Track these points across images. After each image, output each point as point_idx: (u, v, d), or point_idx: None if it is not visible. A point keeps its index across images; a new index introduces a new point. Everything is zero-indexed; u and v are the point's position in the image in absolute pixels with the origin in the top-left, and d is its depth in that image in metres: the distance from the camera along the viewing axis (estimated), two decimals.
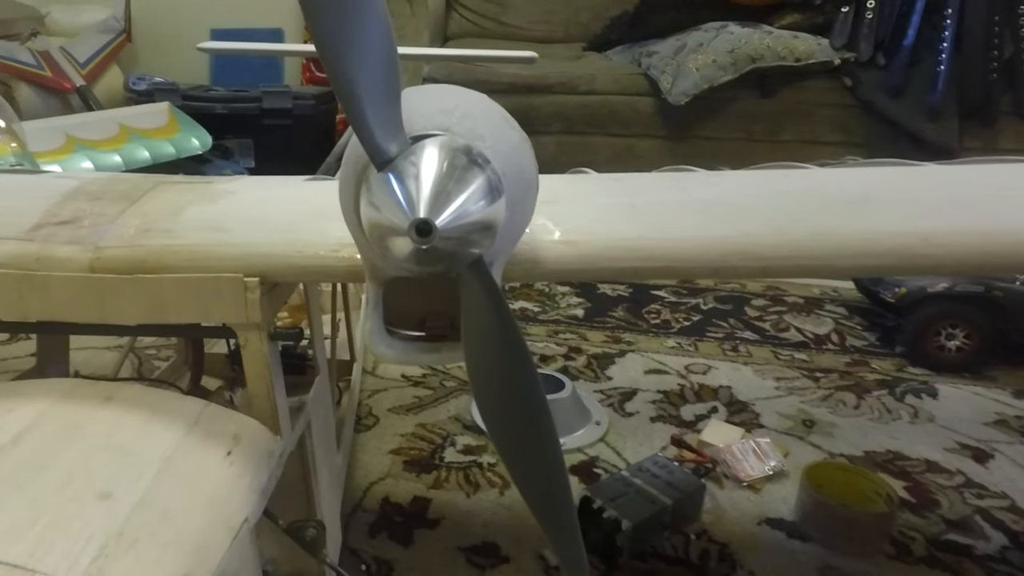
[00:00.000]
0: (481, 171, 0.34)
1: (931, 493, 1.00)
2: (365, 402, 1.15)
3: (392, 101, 0.34)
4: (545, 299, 1.59)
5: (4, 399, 0.47)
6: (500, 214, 0.35)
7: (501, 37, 2.46)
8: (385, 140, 0.33)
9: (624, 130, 2.06)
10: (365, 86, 0.32)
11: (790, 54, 1.94)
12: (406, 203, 0.33)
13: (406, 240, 0.33)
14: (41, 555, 0.36)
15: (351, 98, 0.32)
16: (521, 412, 0.36)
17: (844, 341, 1.44)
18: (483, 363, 0.37)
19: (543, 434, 0.36)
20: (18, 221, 0.51)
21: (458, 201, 0.33)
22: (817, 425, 1.15)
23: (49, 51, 2.37)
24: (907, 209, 0.56)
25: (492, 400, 0.37)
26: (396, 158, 0.34)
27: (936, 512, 0.96)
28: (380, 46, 0.33)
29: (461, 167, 0.34)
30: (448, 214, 0.33)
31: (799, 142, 2.01)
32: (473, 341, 0.36)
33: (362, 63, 0.32)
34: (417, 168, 0.33)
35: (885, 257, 0.53)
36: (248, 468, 0.48)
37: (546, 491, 0.38)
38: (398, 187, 0.33)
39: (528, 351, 0.35)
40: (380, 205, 0.34)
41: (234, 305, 0.50)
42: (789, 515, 0.94)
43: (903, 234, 0.53)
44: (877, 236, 0.54)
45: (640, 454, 1.04)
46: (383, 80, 0.33)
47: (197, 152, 1.92)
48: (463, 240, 0.34)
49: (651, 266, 0.55)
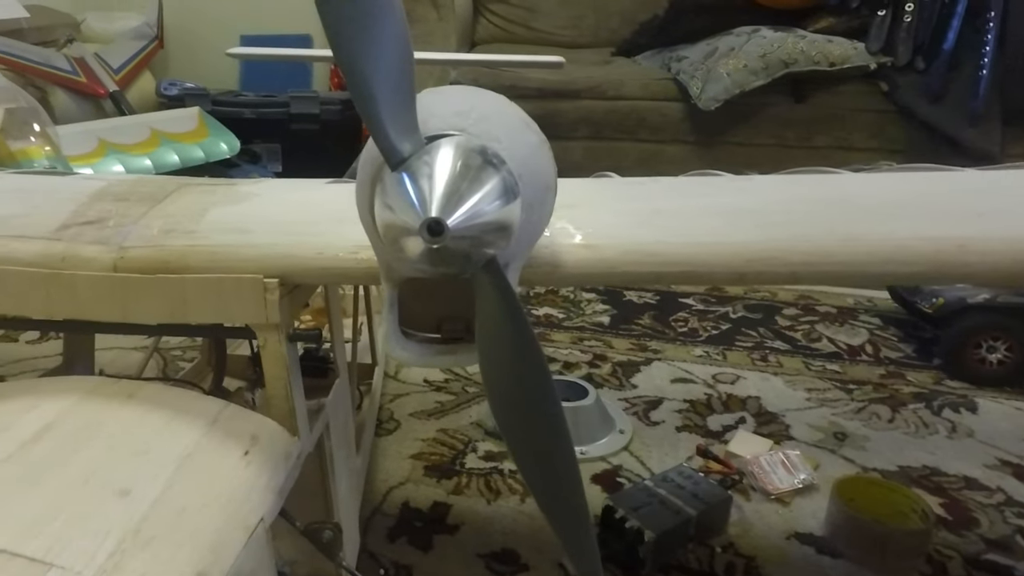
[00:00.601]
0: (496, 172, 0.34)
1: (969, 511, 0.96)
2: (387, 406, 1.16)
3: (407, 102, 0.34)
4: (570, 305, 1.58)
5: (28, 396, 0.48)
6: (515, 215, 0.35)
7: (529, 42, 2.46)
8: (400, 140, 0.33)
9: (652, 136, 2.04)
10: (380, 86, 0.32)
11: (824, 59, 1.91)
12: (418, 202, 0.33)
13: (418, 240, 0.33)
14: (59, 550, 0.36)
15: (366, 98, 0.32)
16: (534, 416, 0.35)
17: (879, 352, 1.40)
18: (496, 366, 0.36)
19: (557, 440, 0.35)
20: (46, 221, 0.52)
21: (471, 201, 0.33)
22: (849, 438, 1.12)
23: (84, 57, 2.43)
24: (942, 215, 0.54)
25: (505, 403, 0.36)
26: (410, 158, 0.33)
27: (975, 531, 0.93)
28: (395, 47, 0.33)
29: (475, 167, 0.34)
30: (460, 214, 0.32)
31: (834, 148, 1.98)
32: (487, 343, 0.36)
33: (377, 64, 0.32)
34: (431, 168, 0.33)
35: (918, 265, 0.51)
36: (265, 468, 0.49)
37: (560, 497, 0.37)
38: (411, 187, 0.33)
39: (542, 354, 0.34)
40: (393, 205, 0.34)
41: (254, 306, 0.51)
42: (819, 530, 0.92)
43: (937, 240, 0.51)
44: (910, 243, 0.52)
45: (665, 464, 1.03)
46: (398, 81, 0.33)
47: (225, 156, 1.94)
48: (476, 240, 0.34)
49: (673, 271, 0.54)
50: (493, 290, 0.34)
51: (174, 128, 1.91)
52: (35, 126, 1.13)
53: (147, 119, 1.99)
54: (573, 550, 0.38)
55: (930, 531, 0.88)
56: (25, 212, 0.54)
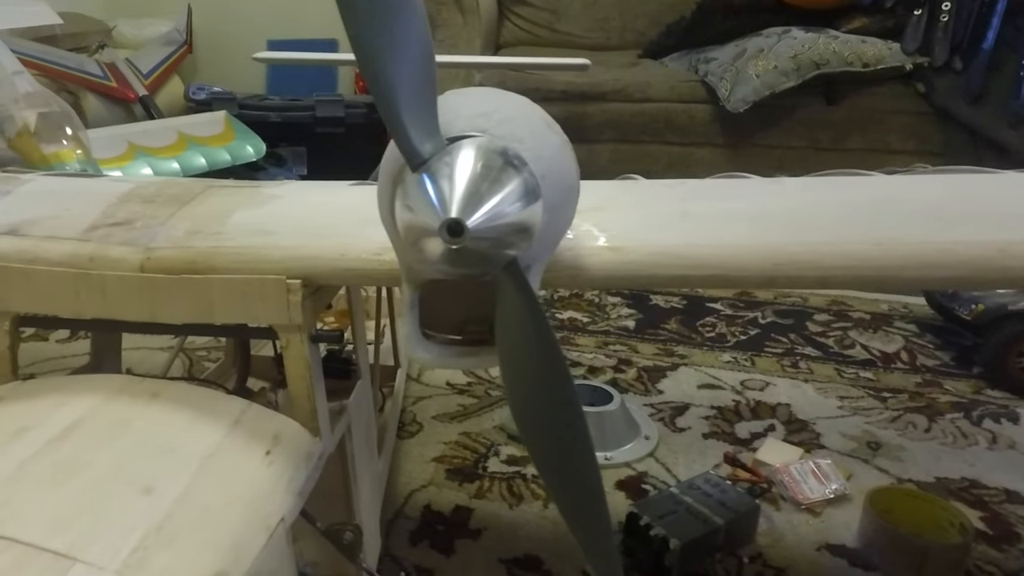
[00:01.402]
0: (517, 173, 0.34)
1: (1011, 525, 0.93)
2: (409, 409, 1.16)
3: (428, 102, 0.33)
4: (595, 310, 1.57)
5: (57, 394, 0.49)
6: (536, 217, 0.34)
7: (555, 45, 2.45)
8: (421, 141, 0.33)
9: (681, 138, 2.02)
10: (401, 87, 0.32)
11: (857, 59, 1.87)
12: (438, 203, 0.32)
13: (438, 241, 0.32)
14: (84, 545, 0.37)
15: (387, 100, 0.32)
16: (555, 419, 0.34)
17: (915, 360, 1.37)
18: (517, 368, 0.36)
19: (578, 444, 0.34)
20: (76, 222, 0.53)
21: (492, 202, 0.32)
22: (884, 448, 1.09)
23: (115, 63, 2.48)
24: (981, 218, 0.52)
25: (525, 406, 0.36)
26: (431, 159, 0.33)
27: (1017, 546, 0.89)
28: (417, 47, 0.33)
29: (497, 168, 0.33)
30: (480, 215, 0.32)
31: (868, 151, 1.94)
32: (507, 346, 0.35)
33: (399, 64, 0.32)
34: (451, 168, 0.33)
35: (956, 269, 0.50)
36: (287, 468, 0.49)
37: (580, 503, 0.37)
38: (431, 187, 0.33)
39: (563, 357, 0.34)
40: (414, 206, 0.34)
41: (277, 307, 0.51)
42: (852, 541, 0.89)
43: (977, 244, 0.49)
44: (947, 246, 0.50)
45: (691, 471, 1.01)
46: (419, 82, 0.33)
47: (251, 159, 1.97)
48: (497, 242, 0.33)
49: (701, 274, 0.53)
50: (514, 292, 0.34)
51: (201, 132, 1.94)
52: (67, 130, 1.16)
53: (175, 123, 2.02)
54: (593, 556, 0.38)
55: (969, 545, 0.85)
56: (56, 214, 0.55)
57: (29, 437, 0.43)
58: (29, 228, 0.53)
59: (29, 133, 1.12)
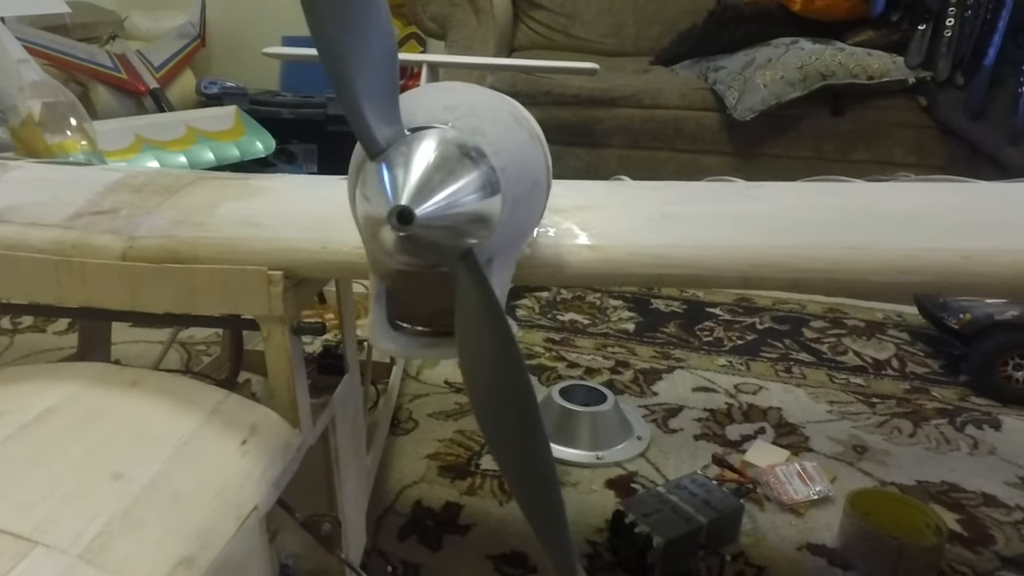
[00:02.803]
0: (474, 165, 0.34)
1: (986, 528, 0.94)
2: (406, 406, 1.16)
3: (389, 93, 0.34)
4: (596, 312, 1.57)
5: (36, 380, 0.49)
6: (494, 209, 0.35)
7: (569, 49, 2.45)
8: (381, 131, 0.33)
9: (690, 146, 2.02)
10: (362, 77, 0.32)
11: (863, 72, 1.87)
12: (391, 191, 0.33)
13: (390, 229, 0.33)
14: (46, 529, 0.37)
15: (347, 89, 0.32)
16: (509, 408, 0.35)
17: (905, 367, 1.37)
18: (473, 358, 0.36)
19: (531, 433, 0.35)
20: (61, 210, 0.54)
21: (444, 192, 0.33)
22: (869, 452, 1.09)
23: (126, 54, 2.47)
24: (951, 226, 0.53)
25: (481, 395, 0.36)
26: (388, 148, 0.34)
27: (990, 548, 0.90)
28: (377, 39, 0.33)
29: (452, 159, 0.34)
30: (431, 204, 0.33)
31: (872, 162, 1.93)
32: (464, 335, 0.36)
33: (360, 55, 0.32)
34: (407, 158, 0.33)
35: (922, 274, 0.50)
36: (262, 458, 0.49)
37: (535, 492, 0.37)
38: (387, 176, 0.33)
39: (517, 347, 0.34)
40: (370, 195, 0.34)
41: (259, 298, 0.51)
42: (832, 542, 0.90)
43: (943, 251, 0.50)
44: (916, 252, 0.51)
45: (681, 471, 1.01)
46: (380, 72, 0.33)
47: (261, 155, 1.96)
48: (450, 231, 0.34)
49: (677, 273, 0.54)
50: (470, 283, 0.34)
51: (211, 126, 1.93)
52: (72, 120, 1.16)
53: (184, 116, 2.01)
54: (547, 542, 0.38)
55: (943, 547, 0.87)
56: (42, 200, 0.56)
57: (3, 422, 0.44)
58: (12, 214, 0.53)
59: (34, 123, 1.13)
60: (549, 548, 0.38)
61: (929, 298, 1.38)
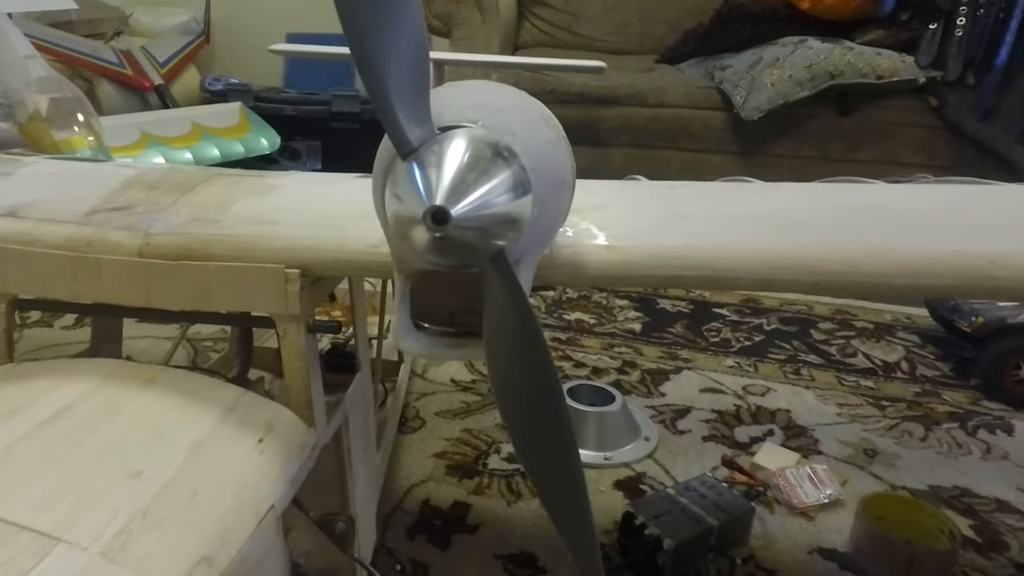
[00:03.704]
0: (506, 165, 0.34)
1: (1000, 534, 0.93)
2: (413, 404, 1.16)
3: (421, 92, 0.34)
4: (602, 311, 1.57)
5: (51, 377, 0.49)
6: (525, 209, 0.35)
7: (573, 47, 2.45)
8: (411, 130, 0.33)
9: (695, 145, 2.02)
10: (394, 76, 0.32)
11: (872, 71, 1.86)
12: (424, 191, 0.33)
13: (424, 229, 0.33)
14: (68, 527, 0.37)
15: (379, 88, 0.32)
16: (538, 410, 0.35)
17: (915, 370, 1.36)
18: (501, 360, 0.36)
19: (561, 437, 0.34)
20: (77, 206, 0.54)
21: (478, 192, 0.33)
22: (879, 455, 1.09)
23: (131, 51, 2.47)
24: (974, 229, 0.52)
25: (509, 397, 0.36)
26: (420, 148, 0.33)
27: (1004, 554, 0.89)
28: (410, 36, 0.33)
29: (485, 159, 0.33)
30: (465, 204, 0.32)
31: (879, 162, 1.93)
32: (493, 337, 0.36)
33: (391, 52, 0.32)
34: (439, 158, 0.33)
35: (945, 278, 0.50)
36: (279, 457, 0.49)
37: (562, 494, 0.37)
38: (419, 176, 0.33)
39: (547, 350, 0.34)
40: (402, 194, 0.34)
41: (275, 296, 0.51)
42: (843, 546, 0.89)
43: (966, 254, 0.50)
44: (938, 255, 0.50)
45: (689, 473, 1.01)
46: (412, 71, 0.33)
47: (265, 152, 1.96)
48: (483, 232, 0.33)
49: (696, 275, 0.53)
50: (501, 284, 0.34)
51: (215, 123, 1.93)
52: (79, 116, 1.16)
53: (189, 113, 2.01)
54: (574, 546, 0.38)
55: (957, 552, 0.86)
56: (57, 197, 0.56)
57: (20, 419, 0.44)
58: (28, 210, 0.53)
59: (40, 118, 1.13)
60: (575, 551, 0.38)
61: (940, 300, 1.38)
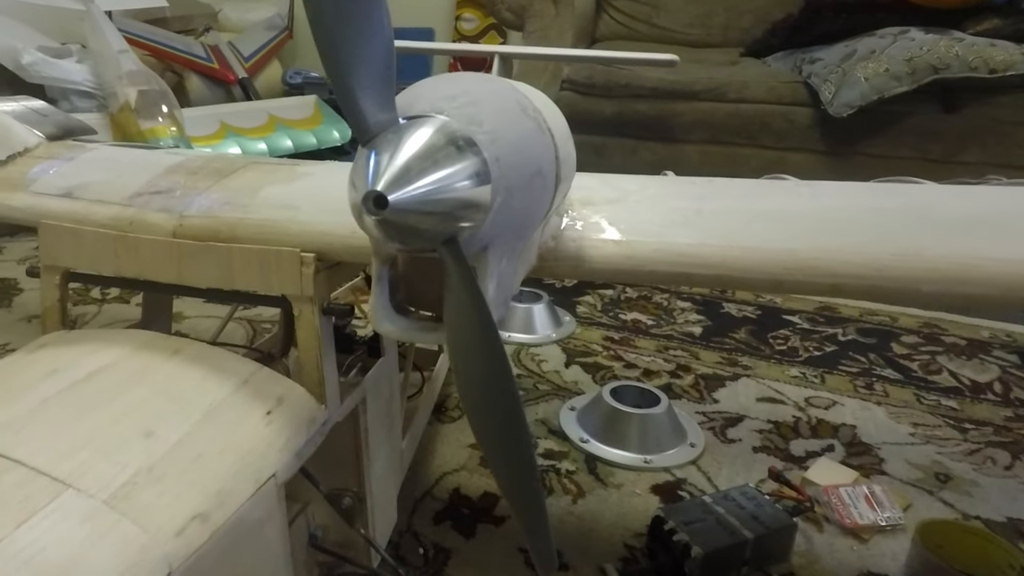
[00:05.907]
0: (459, 153, 0.34)
1: None
2: (454, 395, 1.18)
3: (386, 81, 0.35)
4: (662, 313, 1.53)
5: (92, 344, 0.54)
6: (481, 198, 0.35)
7: (653, 40, 2.39)
8: (373, 117, 0.34)
9: (777, 142, 1.93)
10: (357, 63, 0.33)
11: (983, 64, 1.71)
12: (371, 177, 0.34)
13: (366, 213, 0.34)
14: (79, 475, 0.41)
15: (340, 75, 0.33)
16: (489, 398, 0.35)
17: (1009, 392, 1.25)
18: (456, 343, 0.37)
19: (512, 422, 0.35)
20: (124, 189, 0.58)
21: (422, 180, 0.33)
22: (953, 481, 1.01)
23: (218, 45, 2.62)
24: (1020, 235, 0.48)
25: (465, 378, 0.37)
26: (378, 136, 0.34)
27: None
28: (376, 27, 0.34)
29: (438, 147, 0.34)
30: (407, 189, 0.33)
31: (986, 165, 1.77)
32: (449, 320, 0.36)
33: (356, 40, 0.33)
34: (394, 145, 0.34)
35: (981, 286, 0.46)
36: (286, 429, 0.51)
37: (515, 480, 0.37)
38: (372, 162, 0.34)
39: (497, 334, 0.34)
40: (355, 180, 0.35)
41: (291, 278, 0.54)
42: (897, 573, 0.84)
43: (1007, 262, 0.46)
44: (974, 262, 0.47)
45: (734, 483, 0.98)
46: (376, 58, 0.34)
47: (337, 144, 2.03)
48: (429, 217, 0.34)
49: (704, 273, 0.52)
50: (453, 268, 0.35)
51: (290, 115, 2.01)
52: (163, 107, 1.25)
53: (267, 105, 2.11)
54: (528, 529, 0.38)
55: None
56: (109, 180, 0.61)
57: (58, 377, 0.49)
58: (82, 191, 0.58)
59: (130, 109, 1.23)
60: (528, 533, 0.38)
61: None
